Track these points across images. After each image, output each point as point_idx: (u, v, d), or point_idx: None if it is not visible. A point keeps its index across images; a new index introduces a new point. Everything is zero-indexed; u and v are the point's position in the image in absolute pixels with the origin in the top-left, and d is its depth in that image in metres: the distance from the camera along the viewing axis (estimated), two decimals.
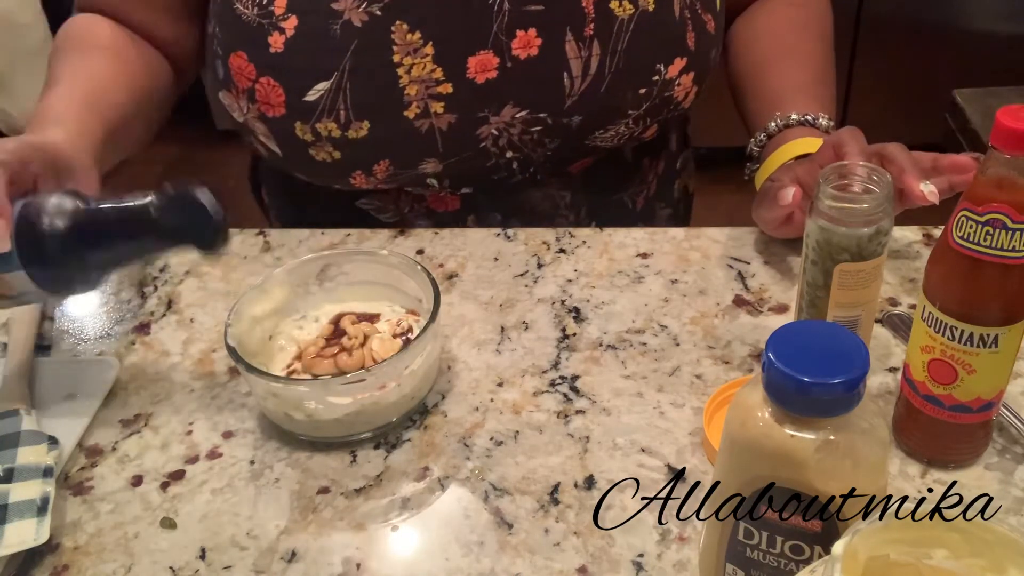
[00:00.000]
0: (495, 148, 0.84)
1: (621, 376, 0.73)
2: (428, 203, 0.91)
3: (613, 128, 0.85)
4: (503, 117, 0.82)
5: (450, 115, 0.81)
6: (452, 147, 0.83)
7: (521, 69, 0.80)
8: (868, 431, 0.46)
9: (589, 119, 0.84)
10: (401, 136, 0.81)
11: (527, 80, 0.81)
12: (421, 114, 0.80)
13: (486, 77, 0.80)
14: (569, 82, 0.81)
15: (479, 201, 0.91)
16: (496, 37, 0.79)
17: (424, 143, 0.82)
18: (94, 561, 0.62)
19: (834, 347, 0.45)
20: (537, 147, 0.85)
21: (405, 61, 0.78)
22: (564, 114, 0.83)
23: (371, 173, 0.84)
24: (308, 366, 0.71)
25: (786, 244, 0.84)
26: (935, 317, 0.58)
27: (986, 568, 0.39)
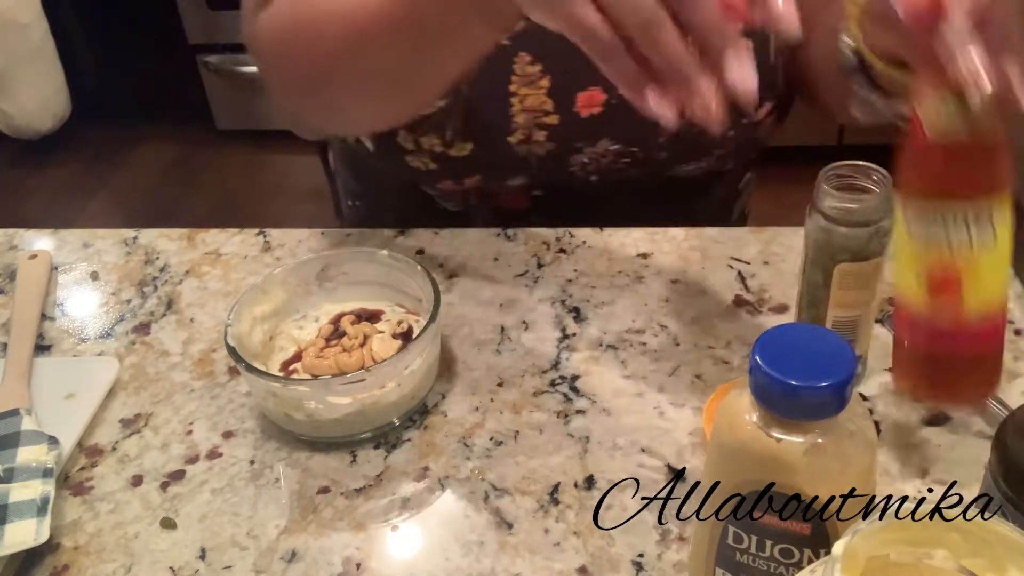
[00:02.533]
0: (582, 173, 0.86)
1: (621, 376, 0.73)
2: (498, 199, 0.91)
3: (695, 164, 0.87)
4: (597, 149, 0.84)
5: (550, 144, 0.83)
6: (543, 170, 0.85)
7: (625, 107, 0.79)
8: (856, 433, 0.46)
9: (676, 154, 0.85)
10: (499, 158, 0.83)
11: (628, 117, 0.80)
12: (523, 141, 0.82)
13: (591, 112, 0.82)
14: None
15: (548, 203, 0.91)
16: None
17: (519, 164, 0.84)
18: (94, 561, 0.62)
19: (821, 350, 0.45)
20: (621, 173, 0.86)
21: (521, 91, 0.81)
22: (655, 149, 0.84)
23: (459, 183, 0.86)
24: (308, 366, 0.71)
25: (786, 244, 0.84)
26: (921, 206, 0.54)
27: (986, 568, 0.39)
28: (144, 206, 2.61)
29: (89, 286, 0.86)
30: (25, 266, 0.85)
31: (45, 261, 0.86)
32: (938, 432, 0.67)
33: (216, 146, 2.75)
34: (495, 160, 0.84)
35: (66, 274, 0.87)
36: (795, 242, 0.84)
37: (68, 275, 0.87)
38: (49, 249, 0.89)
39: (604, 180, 0.87)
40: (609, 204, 0.91)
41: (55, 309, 0.83)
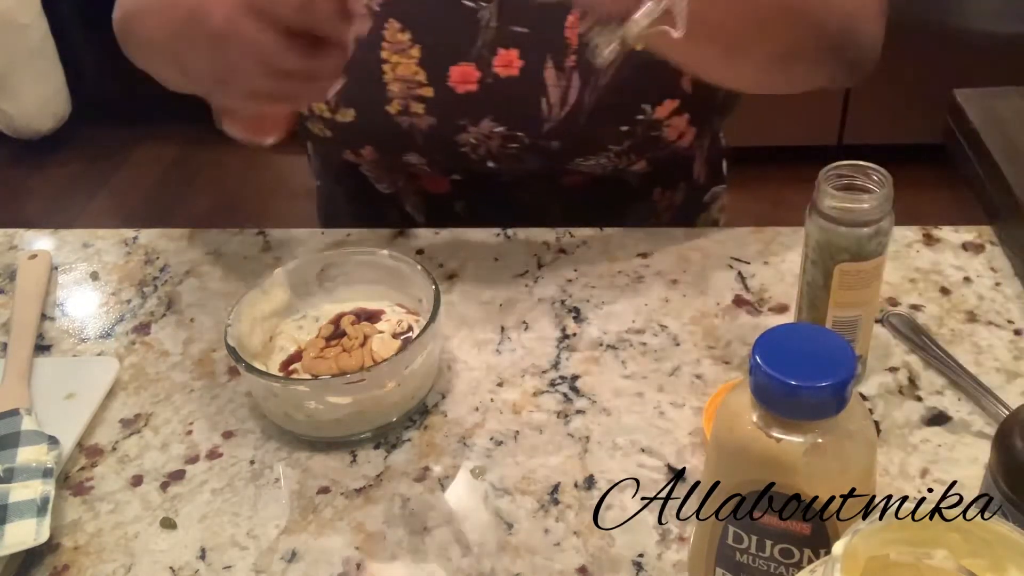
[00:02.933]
0: (475, 155, 0.85)
1: (621, 376, 0.73)
2: (421, 182, 0.92)
3: (594, 158, 0.85)
4: (481, 129, 0.83)
5: (430, 117, 0.82)
6: (432, 146, 0.84)
7: (501, 87, 0.81)
8: (856, 433, 0.46)
9: (568, 146, 0.84)
10: (383, 128, 0.83)
11: (506, 98, 0.81)
12: (402, 111, 0.82)
13: (466, 88, 0.81)
14: (547, 108, 0.81)
15: (469, 189, 0.91)
16: (479, 51, 0.80)
17: (405, 138, 0.84)
18: (94, 561, 0.62)
19: (821, 350, 0.45)
20: (517, 162, 0.85)
21: (392, 59, 0.80)
22: (542, 137, 0.83)
23: (358, 154, 0.87)
24: (308, 366, 0.71)
25: (786, 244, 0.84)
26: None
27: (986, 568, 0.39)
28: (144, 206, 2.61)
29: (89, 286, 0.86)
30: (25, 266, 0.85)
31: (45, 261, 0.86)
32: (938, 432, 0.67)
33: (216, 146, 2.74)
34: (380, 130, 0.84)
35: (66, 274, 0.87)
36: (795, 242, 0.84)
37: (68, 275, 0.87)
38: (49, 249, 0.89)
39: (507, 168, 0.86)
40: (531, 198, 0.91)
41: (55, 309, 0.83)
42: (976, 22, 2.21)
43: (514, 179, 0.89)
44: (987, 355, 0.72)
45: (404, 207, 0.94)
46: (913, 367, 0.72)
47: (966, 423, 0.67)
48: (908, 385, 0.71)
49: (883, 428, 0.67)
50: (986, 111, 0.89)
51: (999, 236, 0.83)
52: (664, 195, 0.95)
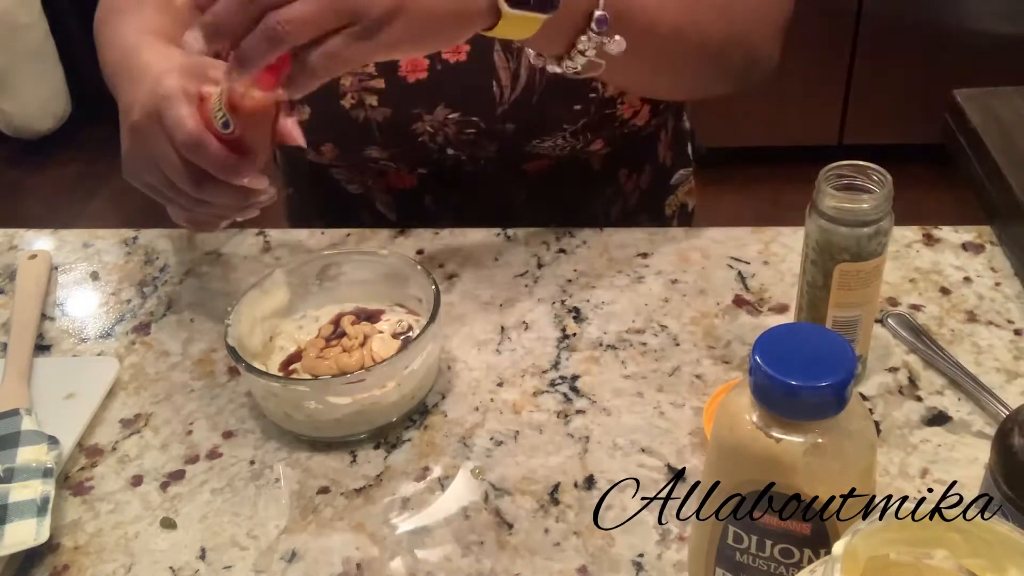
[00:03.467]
0: (433, 144, 0.85)
1: (621, 376, 0.73)
2: (388, 178, 0.92)
3: (550, 139, 0.85)
4: (436, 116, 0.83)
5: (384, 109, 0.83)
6: (390, 138, 0.85)
7: (451, 73, 0.81)
8: (856, 433, 0.46)
9: (523, 128, 0.84)
10: (340, 123, 0.84)
11: (457, 84, 0.82)
12: (356, 105, 0.83)
13: (416, 77, 0.82)
14: (499, 90, 0.82)
15: (435, 184, 0.92)
16: None
17: (363, 132, 0.84)
18: (94, 561, 0.62)
19: (821, 350, 0.45)
20: (476, 148, 0.86)
21: None
22: (497, 120, 0.83)
23: (320, 152, 0.87)
24: (308, 366, 0.71)
25: (786, 244, 0.84)
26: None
27: (986, 568, 0.39)
28: (144, 206, 2.60)
29: (89, 286, 0.86)
30: (25, 266, 0.85)
31: (45, 261, 0.86)
32: (938, 432, 0.67)
33: None
34: (337, 126, 0.84)
35: (66, 274, 0.87)
36: (795, 242, 0.84)
37: (68, 275, 0.87)
38: (49, 249, 0.89)
39: (467, 153, 0.86)
40: (496, 186, 0.91)
41: (55, 309, 0.83)
42: (976, 22, 2.21)
43: (478, 168, 0.89)
44: (987, 355, 0.72)
45: (375, 206, 0.94)
46: (913, 367, 0.72)
47: (966, 423, 0.67)
48: (908, 385, 0.71)
49: (883, 428, 0.67)
50: (986, 111, 0.89)
51: (999, 236, 0.83)
52: (630, 178, 0.95)
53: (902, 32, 2.24)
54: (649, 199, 0.98)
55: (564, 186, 0.93)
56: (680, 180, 1.01)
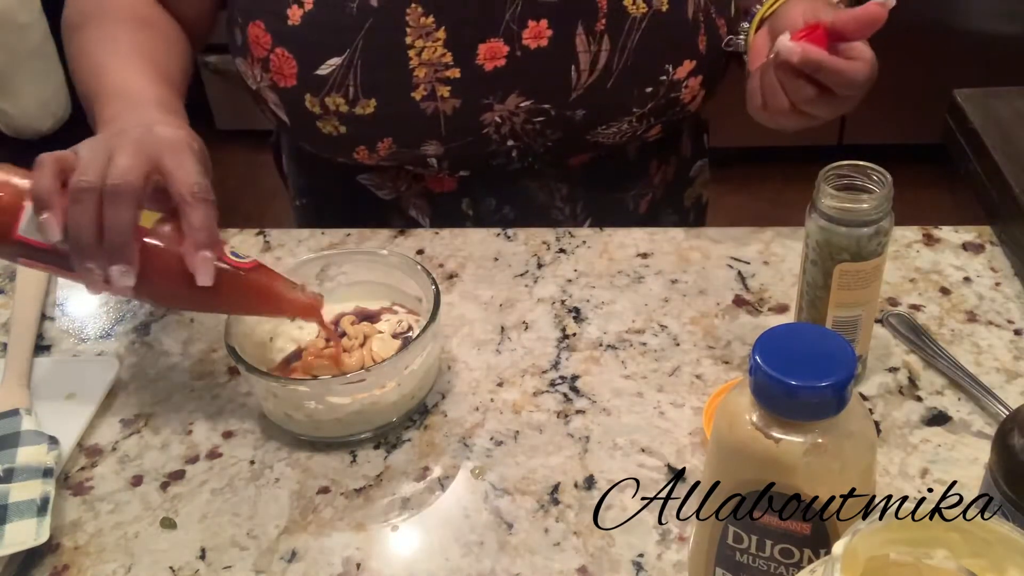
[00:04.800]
0: (497, 135, 0.85)
1: (621, 376, 0.73)
2: (426, 183, 0.91)
3: (616, 125, 0.85)
4: (508, 105, 0.82)
5: (455, 99, 0.82)
6: (455, 131, 0.84)
7: (530, 59, 0.80)
8: (856, 433, 0.46)
9: (592, 113, 0.84)
10: (406, 116, 0.82)
11: (535, 70, 0.81)
12: (427, 96, 0.81)
13: (494, 65, 0.80)
14: (576, 75, 0.81)
15: (475, 185, 0.91)
16: (508, 26, 0.79)
17: (428, 125, 0.83)
18: (94, 561, 0.62)
19: (821, 350, 0.45)
20: (538, 137, 0.85)
21: (417, 44, 0.79)
22: (568, 107, 0.83)
23: (374, 149, 0.85)
24: (308, 366, 0.71)
25: (786, 244, 0.84)
26: None
27: (986, 568, 0.39)
28: None
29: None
30: None
31: None
32: (938, 432, 0.67)
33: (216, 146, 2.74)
34: (402, 119, 0.83)
35: None
36: (795, 242, 0.84)
37: None
38: None
39: (525, 148, 0.86)
40: (538, 184, 0.91)
41: (55, 309, 0.83)
42: (976, 22, 2.21)
43: (524, 165, 0.89)
44: (987, 355, 0.72)
45: (407, 212, 0.93)
46: (913, 367, 0.72)
47: (966, 423, 0.67)
48: (908, 385, 0.71)
49: (883, 428, 0.67)
50: (986, 111, 0.89)
51: (999, 236, 0.83)
52: (659, 170, 0.96)
53: (902, 32, 2.24)
54: (672, 191, 0.99)
55: (601, 179, 0.93)
56: (697, 172, 1.02)
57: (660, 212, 0.99)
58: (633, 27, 0.81)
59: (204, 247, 0.63)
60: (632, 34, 0.81)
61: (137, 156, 0.63)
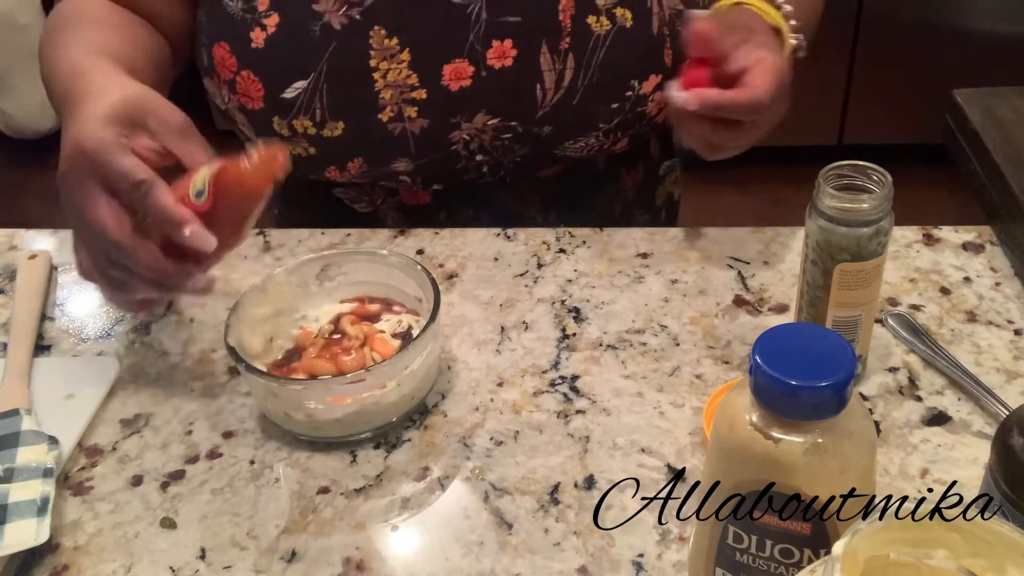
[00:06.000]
0: (465, 151, 0.85)
1: (621, 376, 0.73)
2: (400, 197, 0.91)
3: (583, 140, 0.86)
4: (475, 123, 0.83)
5: (423, 120, 0.82)
6: (424, 149, 0.84)
7: (495, 78, 0.81)
8: (856, 433, 0.46)
9: (560, 129, 0.85)
10: (374, 137, 0.83)
11: (500, 89, 0.82)
12: (395, 117, 0.82)
13: (460, 85, 0.81)
14: (541, 93, 0.82)
15: (450, 197, 0.91)
16: (472, 46, 0.80)
17: (396, 145, 0.83)
18: (94, 561, 0.62)
19: (821, 350, 0.45)
20: (507, 153, 0.86)
21: (381, 66, 0.80)
22: (535, 123, 0.84)
23: (345, 168, 0.85)
24: (308, 366, 0.71)
25: (786, 244, 0.84)
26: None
27: (986, 568, 0.39)
28: None
29: (89, 286, 0.85)
30: (25, 266, 0.85)
31: (45, 261, 0.86)
32: (938, 432, 0.67)
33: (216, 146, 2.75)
34: (370, 140, 0.83)
35: (66, 274, 0.87)
36: (795, 242, 0.84)
37: (68, 275, 0.87)
38: (49, 249, 0.89)
39: (495, 163, 0.86)
40: (510, 194, 0.91)
41: (55, 309, 0.83)
42: (976, 22, 2.21)
43: (496, 179, 0.89)
44: (987, 355, 0.72)
45: (385, 223, 0.93)
46: (913, 367, 0.72)
47: (966, 423, 0.67)
48: (908, 385, 0.71)
49: (883, 428, 0.67)
50: (986, 111, 0.89)
51: (999, 236, 0.83)
52: (628, 174, 0.96)
53: (902, 32, 2.24)
54: (642, 192, 0.99)
55: (573, 190, 0.93)
56: (667, 171, 1.03)
57: (633, 213, 0.99)
58: (598, 44, 0.81)
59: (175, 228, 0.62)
60: (597, 51, 0.81)
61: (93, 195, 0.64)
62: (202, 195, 0.63)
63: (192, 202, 0.63)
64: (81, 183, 0.64)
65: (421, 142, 0.83)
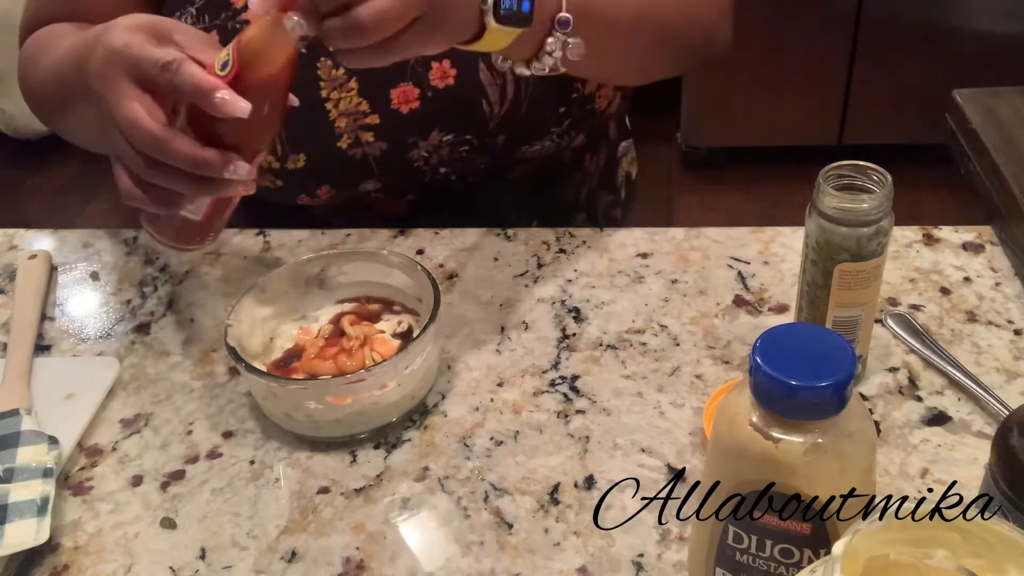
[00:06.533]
0: (427, 167, 0.86)
1: (621, 376, 0.73)
2: (376, 209, 0.92)
3: (539, 143, 0.87)
4: (431, 141, 0.84)
5: (381, 143, 0.83)
6: (387, 170, 0.85)
7: (441, 98, 0.82)
8: (856, 433, 0.46)
9: (514, 137, 0.86)
10: (337, 164, 0.84)
11: (448, 108, 0.83)
12: (353, 144, 0.83)
13: (410, 107, 0.82)
14: (488, 107, 0.83)
15: (425, 205, 0.92)
16: (413, 69, 0.81)
17: (360, 168, 0.85)
18: (94, 561, 0.62)
19: (821, 350, 0.45)
20: (468, 163, 0.87)
21: (332, 96, 0.81)
22: (488, 135, 0.85)
23: (315, 195, 0.87)
24: (308, 366, 0.71)
25: (786, 244, 0.84)
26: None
27: (986, 568, 0.39)
28: None
29: (89, 286, 0.86)
30: (25, 266, 0.85)
31: (45, 261, 0.86)
32: (938, 432, 0.67)
33: None
34: (334, 167, 0.84)
35: (66, 274, 0.87)
36: (795, 242, 0.84)
37: (68, 275, 0.87)
38: (49, 249, 0.89)
39: (457, 170, 0.87)
40: (484, 196, 0.92)
41: (55, 309, 0.83)
42: (976, 22, 2.21)
43: (467, 185, 0.90)
44: (987, 355, 0.72)
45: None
46: (913, 367, 0.72)
47: (966, 423, 0.67)
48: (908, 385, 0.71)
49: (883, 428, 0.67)
50: (986, 111, 0.89)
51: (999, 236, 0.83)
52: (592, 160, 0.98)
53: (902, 32, 2.24)
54: (605, 175, 1.01)
55: (544, 183, 0.95)
56: (624, 151, 1.05)
57: (597, 197, 1.01)
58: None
59: (208, 94, 0.60)
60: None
61: (124, 91, 0.62)
62: (227, 66, 0.61)
63: (219, 74, 0.61)
64: (112, 84, 0.62)
65: (383, 163, 0.85)
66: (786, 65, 2.27)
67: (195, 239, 0.70)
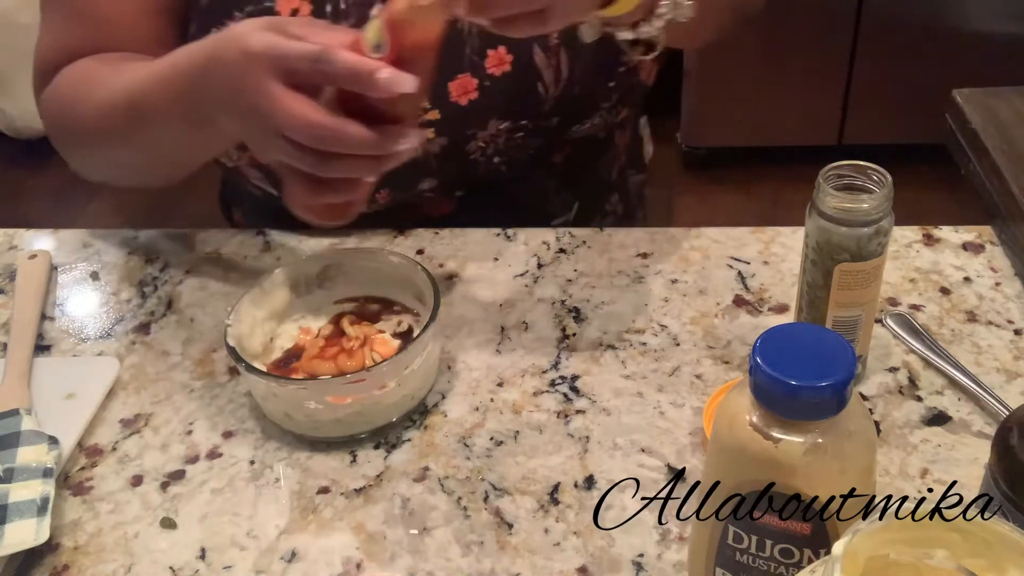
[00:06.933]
0: (483, 158, 0.86)
1: (621, 376, 0.73)
2: (423, 210, 0.92)
3: (589, 121, 0.88)
4: (489, 131, 0.84)
5: (441, 138, 0.83)
6: (446, 165, 0.85)
7: (498, 85, 0.82)
8: (856, 433, 0.46)
9: (567, 117, 0.86)
10: (399, 165, 0.82)
11: (506, 95, 0.83)
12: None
13: (469, 98, 0.82)
14: (543, 89, 0.83)
15: (472, 202, 0.92)
16: (470, 59, 0.81)
17: (420, 168, 0.85)
18: (94, 561, 0.62)
19: (821, 350, 0.45)
20: (522, 149, 0.87)
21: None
22: (543, 117, 0.85)
23: (373, 201, 0.86)
24: (308, 366, 0.71)
25: (786, 244, 0.84)
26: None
27: (986, 568, 0.39)
28: (144, 206, 2.61)
29: (89, 286, 0.86)
30: (25, 266, 0.85)
31: (45, 261, 0.86)
32: (938, 432, 0.67)
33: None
34: (395, 168, 0.82)
35: (66, 274, 0.87)
36: (795, 242, 0.84)
37: (68, 275, 0.87)
38: (49, 249, 0.89)
39: (510, 159, 0.88)
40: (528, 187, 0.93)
41: (55, 309, 0.83)
42: (976, 22, 2.21)
43: (515, 174, 0.90)
44: (987, 355, 0.72)
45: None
46: (913, 367, 0.72)
47: (966, 423, 0.67)
48: (908, 385, 0.71)
49: (883, 428, 0.67)
50: (986, 111, 0.89)
51: (999, 236, 0.83)
52: (621, 136, 0.99)
53: (902, 32, 2.24)
54: (631, 152, 1.03)
55: (582, 165, 0.96)
56: (643, 126, 1.07)
57: (626, 174, 1.02)
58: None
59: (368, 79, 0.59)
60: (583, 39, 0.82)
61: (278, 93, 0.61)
62: (380, 47, 0.60)
63: (373, 56, 0.60)
64: (262, 88, 0.61)
65: (442, 159, 0.85)
66: (786, 65, 2.27)
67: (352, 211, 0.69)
